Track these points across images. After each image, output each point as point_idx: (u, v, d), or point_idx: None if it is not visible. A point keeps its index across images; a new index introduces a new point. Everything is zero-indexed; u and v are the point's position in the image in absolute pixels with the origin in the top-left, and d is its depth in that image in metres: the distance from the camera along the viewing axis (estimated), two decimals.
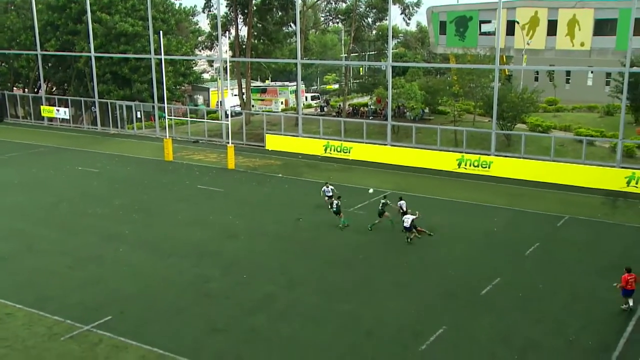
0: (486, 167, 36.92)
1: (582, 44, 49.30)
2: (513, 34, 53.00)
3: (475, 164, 37.27)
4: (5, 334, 18.07)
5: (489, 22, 53.45)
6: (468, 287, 21.15)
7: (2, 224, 28.27)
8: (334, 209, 27.39)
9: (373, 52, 79.18)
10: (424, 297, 20.42)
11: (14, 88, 65.53)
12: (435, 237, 25.81)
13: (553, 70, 57.66)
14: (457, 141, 42.42)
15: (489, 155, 37.79)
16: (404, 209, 26.41)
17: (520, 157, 37.03)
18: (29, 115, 59.81)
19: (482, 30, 54.29)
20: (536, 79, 61.12)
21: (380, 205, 26.91)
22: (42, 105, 56.69)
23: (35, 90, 63.36)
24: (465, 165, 37.54)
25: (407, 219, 25.28)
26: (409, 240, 25.29)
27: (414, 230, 25.32)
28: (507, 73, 57.38)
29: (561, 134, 45.00)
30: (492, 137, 38.60)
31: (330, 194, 29.61)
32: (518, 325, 18.53)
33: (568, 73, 60.85)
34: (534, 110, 46.10)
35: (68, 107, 55.47)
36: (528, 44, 52.30)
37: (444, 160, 38.33)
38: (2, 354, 16.98)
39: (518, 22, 52.44)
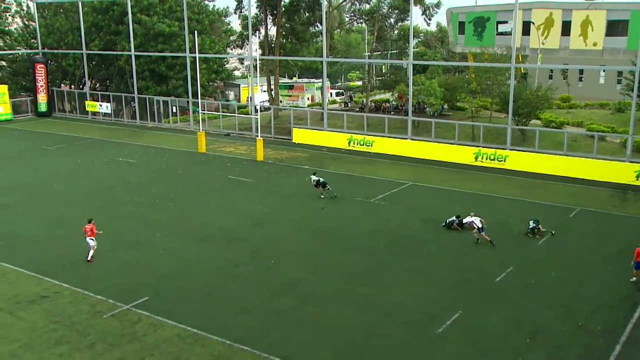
0: (502, 160, 36.55)
1: (594, 44, 48.45)
2: (529, 34, 52.26)
3: (492, 157, 36.92)
4: (54, 310, 18.47)
5: (506, 22, 52.75)
6: (483, 275, 21.03)
7: (50, 209, 28.81)
8: (322, 183, 29.59)
9: (395, 51, 78.85)
10: (440, 284, 20.36)
11: (62, 85, 66.43)
12: (450, 228, 25.64)
13: (567, 69, 56.77)
14: (474, 136, 42.05)
15: (504, 149, 37.40)
16: (478, 225, 23.91)
17: (534, 152, 36.59)
18: (74, 109, 60.62)
19: (499, 31, 53.62)
20: (550, 77, 60.27)
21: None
22: (86, 100, 57.41)
23: (81, 86, 64.18)
24: (482, 158, 37.21)
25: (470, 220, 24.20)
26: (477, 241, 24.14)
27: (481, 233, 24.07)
28: (522, 71, 56.66)
29: (574, 129, 44.36)
30: (507, 132, 38.17)
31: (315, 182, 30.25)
32: (530, 310, 18.39)
33: (581, 72, 59.87)
34: (548, 106, 45.45)
35: (110, 102, 56.11)
36: (543, 43, 51.54)
37: (461, 153, 38.04)
38: (51, 329, 17.37)
39: (533, 23, 51.66)
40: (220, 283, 20.49)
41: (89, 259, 22.24)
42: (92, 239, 22.32)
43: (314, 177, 30.54)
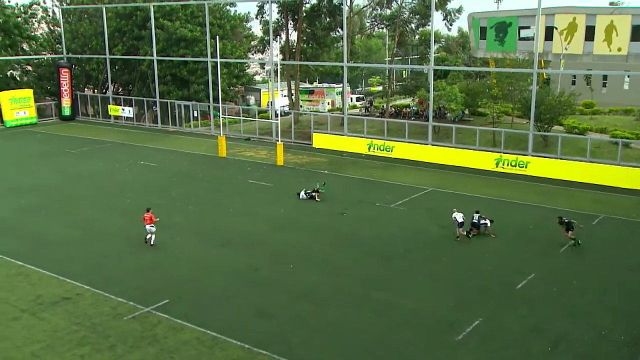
0: (523, 166, 36.23)
1: (619, 49, 47.88)
2: (551, 39, 51.83)
3: (513, 163, 36.62)
4: (75, 311, 18.69)
5: (528, 27, 52.37)
6: (504, 282, 20.84)
7: (73, 211, 29.19)
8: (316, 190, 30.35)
9: (416, 56, 78.57)
10: (460, 290, 20.22)
11: (85, 89, 67.37)
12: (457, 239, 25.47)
13: (590, 75, 56.13)
14: (496, 142, 41.75)
15: (526, 155, 37.06)
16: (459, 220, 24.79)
17: (556, 158, 36.20)
18: (97, 113, 61.43)
19: (521, 36, 53.27)
20: (573, 83, 59.66)
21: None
22: (109, 104, 58.14)
23: (104, 90, 65.03)
24: (503, 164, 36.93)
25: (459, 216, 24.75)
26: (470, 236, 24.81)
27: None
28: (545, 77, 56.17)
29: (597, 135, 43.83)
30: (529, 138, 37.84)
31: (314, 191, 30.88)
32: (551, 318, 18.17)
33: (605, 77, 59.17)
34: (570, 112, 44.99)
35: (132, 106, 56.75)
36: (566, 49, 51.07)
37: (482, 159, 37.77)
38: (72, 330, 17.57)
39: (556, 28, 51.23)
40: (240, 287, 20.56)
41: (152, 243, 24.27)
42: (151, 226, 24.23)
43: (302, 194, 30.90)
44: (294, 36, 58.95)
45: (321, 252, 23.71)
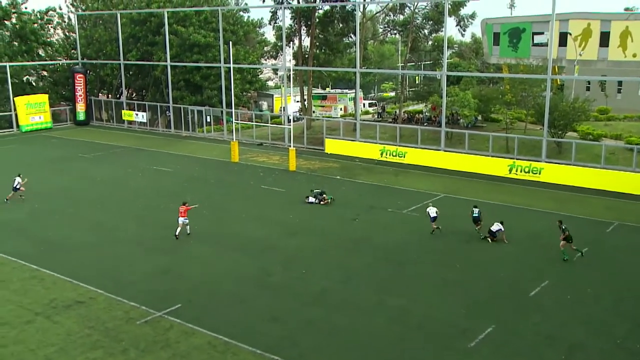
0: (537, 173, 36.02)
1: (634, 55, 47.50)
2: (565, 45, 51.55)
3: (526, 170, 36.41)
4: (89, 315, 18.80)
5: (542, 33, 52.13)
6: (517, 288, 20.70)
7: (86, 215, 29.40)
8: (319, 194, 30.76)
9: (428, 62, 78.51)
10: (473, 297, 20.10)
11: (99, 94, 67.94)
12: (485, 240, 25.33)
13: (605, 81, 55.72)
14: (509, 148, 41.53)
15: (539, 161, 36.83)
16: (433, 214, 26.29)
17: (570, 164, 35.94)
18: (111, 118, 61.92)
19: (534, 42, 53.04)
20: (588, 89, 59.22)
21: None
22: (123, 109, 58.58)
23: (118, 96, 65.50)
24: (516, 171, 36.73)
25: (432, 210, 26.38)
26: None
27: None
28: (559, 83, 55.85)
29: (612, 142, 43.45)
30: (543, 145, 37.62)
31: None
32: (565, 326, 18.01)
33: (620, 83, 58.66)
34: (585, 119, 44.66)
35: (145, 111, 57.14)
36: (580, 54, 50.77)
37: (495, 165, 37.60)
38: (86, 334, 17.67)
39: (570, 34, 50.96)
40: (252, 291, 20.59)
41: (188, 232, 25.98)
42: (185, 219, 25.80)
43: (311, 198, 31.24)
44: (306, 42, 59.20)
45: (333, 258, 23.70)
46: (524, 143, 40.84)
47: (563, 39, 51.43)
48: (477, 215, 25.91)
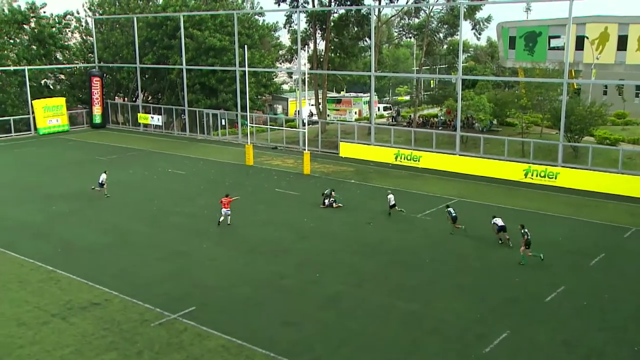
0: (553, 177, 35.73)
1: None
2: (582, 49, 51.22)
3: (542, 174, 36.14)
4: (104, 317, 18.94)
5: (558, 37, 51.87)
6: (532, 294, 20.52)
7: (102, 218, 29.62)
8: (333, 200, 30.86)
9: (444, 66, 78.38)
10: (488, 301, 19.97)
11: (115, 97, 68.53)
12: (500, 245, 25.19)
13: (622, 85, 55.23)
14: (524, 152, 41.27)
15: (555, 166, 36.55)
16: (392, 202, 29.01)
17: (587, 169, 35.63)
18: (127, 121, 62.41)
19: (551, 45, 52.75)
20: (605, 93, 58.71)
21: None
22: (138, 112, 59.03)
23: (134, 99, 66.05)
24: (532, 175, 36.46)
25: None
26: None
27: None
28: (575, 87, 55.44)
29: (629, 146, 43.05)
30: (559, 149, 37.33)
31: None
32: (582, 333, 17.83)
33: (638, 87, 58.11)
34: (602, 123, 44.29)
35: (161, 114, 57.54)
36: (597, 58, 50.38)
37: (510, 170, 37.36)
38: (101, 335, 17.79)
39: (587, 38, 50.60)
40: (266, 295, 20.62)
41: (228, 223, 27.95)
42: (227, 210, 27.85)
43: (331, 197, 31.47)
44: (321, 45, 59.23)
45: (347, 261, 23.67)
46: (540, 147, 40.56)
47: (580, 43, 51.13)
48: (454, 215, 26.92)
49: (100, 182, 33.31)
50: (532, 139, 41.84)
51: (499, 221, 25.37)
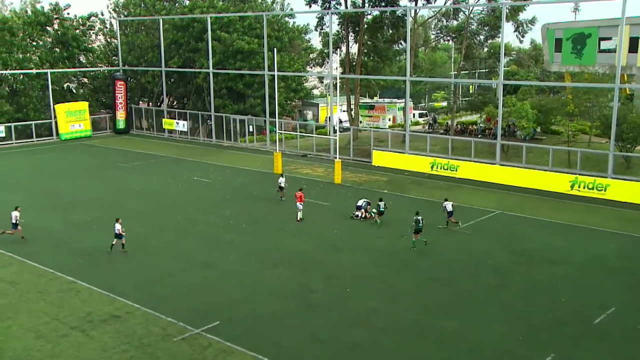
0: (602, 190, 35.08)
1: None
2: (636, 51, 50.26)
3: (590, 186, 35.51)
4: (125, 330, 19.15)
5: (610, 39, 51.05)
6: (579, 315, 20.12)
7: (124, 226, 29.94)
8: (381, 209, 30.20)
9: (484, 70, 77.70)
10: (530, 322, 19.63)
11: (140, 102, 69.57)
12: (545, 261, 24.80)
13: None
14: (571, 162, 40.66)
15: (605, 177, 35.88)
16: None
17: None
18: (151, 127, 63.35)
19: (601, 48, 51.91)
20: None
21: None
22: (163, 118, 59.88)
23: (158, 104, 67.01)
24: (579, 187, 35.87)
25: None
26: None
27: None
28: (628, 92, 54.44)
29: None
30: (609, 159, 36.66)
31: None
32: (635, 358, 17.39)
33: None
34: None
35: (186, 120, 58.25)
36: None
37: (555, 181, 36.82)
38: (121, 349, 17.99)
39: None
40: (293, 309, 20.63)
41: (297, 219, 30.14)
42: (300, 204, 30.25)
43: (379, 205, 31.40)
44: (354, 49, 59.37)
45: (379, 276, 23.55)
46: (588, 157, 39.92)
47: (633, 45, 50.17)
48: (383, 209, 29.84)
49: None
50: (579, 148, 41.20)
51: (448, 206, 29.03)
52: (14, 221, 27.65)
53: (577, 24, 55.37)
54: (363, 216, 30.93)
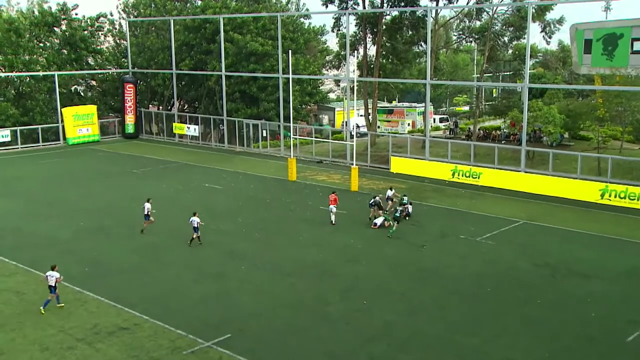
0: (634, 199, 34.72)
1: None
2: None
3: (622, 195, 35.17)
4: (132, 343, 19.20)
5: None
6: (611, 332, 19.88)
7: (133, 236, 30.16)
8: (396, 215, 30.06)
9: (508, 73, 77.48)
10: (558, 338, 19.43)
11: (150, 105, 69.99)
12: (572, 274, 24.56)
13: None
14: (601, 170, 40.31)
15: (638, 186, 35.51)
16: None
17: None
18: (161, 131, 63.73)
19: (634, 49, 51.41)
20: None
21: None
22: (174, 122, 60.22)
23: (169, 107, 67.39)
24: (610, 196, 35.53)
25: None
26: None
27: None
28: None
29: None
30: None
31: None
32: None
33: None
34: None
35: (198, 124, 58.54)
36: None
37: (584, 190, 36.52)
38: None
39: None
40: (308, 322, 20.59)
41: (333, 222, 31.21)
42: (334, 206, 31.31)
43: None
44: (372, 51, 59.38)
45: (398, 288, 23.45)
46: (620, 164, 39.57)
47: None
48: (398, 214, 30.00)
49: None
50: (610, 155, 40.84)
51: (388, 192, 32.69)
52: (146, 212, 29.89)
53: (607, 24, 54.81)
54: (381, 224, 30.83)
